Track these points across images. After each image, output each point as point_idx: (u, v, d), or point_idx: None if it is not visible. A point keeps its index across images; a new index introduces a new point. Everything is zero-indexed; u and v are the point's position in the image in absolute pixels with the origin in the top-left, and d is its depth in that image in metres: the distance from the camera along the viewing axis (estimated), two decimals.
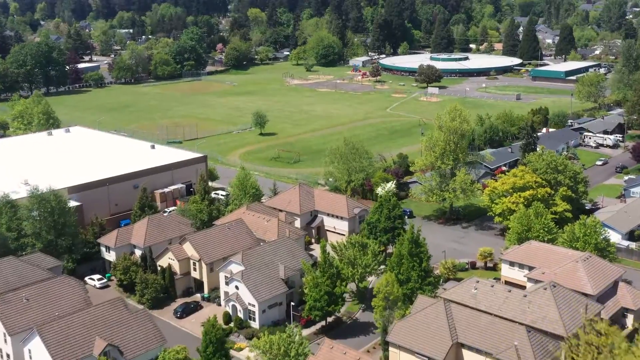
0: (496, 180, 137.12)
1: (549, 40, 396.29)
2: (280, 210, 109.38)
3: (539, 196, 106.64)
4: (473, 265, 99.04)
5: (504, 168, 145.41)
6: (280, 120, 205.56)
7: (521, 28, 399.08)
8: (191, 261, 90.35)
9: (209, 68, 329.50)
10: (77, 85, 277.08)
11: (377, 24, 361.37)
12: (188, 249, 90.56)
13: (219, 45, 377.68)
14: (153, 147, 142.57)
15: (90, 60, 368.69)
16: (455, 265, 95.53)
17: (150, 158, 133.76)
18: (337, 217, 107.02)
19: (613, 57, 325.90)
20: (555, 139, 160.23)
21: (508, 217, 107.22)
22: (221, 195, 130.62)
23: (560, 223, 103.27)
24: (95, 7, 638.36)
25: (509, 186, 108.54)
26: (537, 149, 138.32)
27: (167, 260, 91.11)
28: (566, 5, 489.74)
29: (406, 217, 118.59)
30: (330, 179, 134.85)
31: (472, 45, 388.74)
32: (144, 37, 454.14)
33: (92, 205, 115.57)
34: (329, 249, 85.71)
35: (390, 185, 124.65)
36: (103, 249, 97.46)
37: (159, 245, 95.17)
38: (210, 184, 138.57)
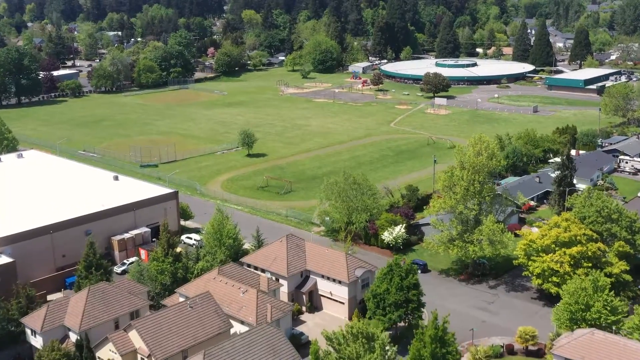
0: (524, 221, 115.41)
1: (560, 44, 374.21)
2: (263, 271, 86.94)
3: (590, 254, 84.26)
4: (510, 350, 76.47)
5: (532, 203, 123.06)
6: (271, 138, 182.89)
7: (531, 31, 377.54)
8: (139, 356, 67.83)
9: (198, 75, 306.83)
10: (53, 94, 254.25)
11: (378, 27, 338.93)
12: (135, 338, 68.01)
13: (211, 50, 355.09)
14: (116, 178, 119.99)
15: (73, 66, 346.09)
16: (489, 355, 72.99)
17: (111, 194, 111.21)
18: (334, 280, 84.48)
19: (631, 63, 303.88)
20: (586, 165, 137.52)
21: (549, 279, 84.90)
22: (194, 240, 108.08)
23: (616, 288, 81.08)
24: (86, 9, 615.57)
25: (551, 240, 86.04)
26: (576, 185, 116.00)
27: (108, 353, 68.62)
28: (576, 7, 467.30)
29: (419, 270, 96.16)
30: (326, 218, 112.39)
31: (479, 50, 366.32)
32: (132, 40, 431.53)
33: (30, 260, 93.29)
34: (322, 344, 63.41)
35: (399, 230, 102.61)
36: (28, 331, 74.78)
37: (102, 327, 72.71)
38: (183, 223, 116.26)
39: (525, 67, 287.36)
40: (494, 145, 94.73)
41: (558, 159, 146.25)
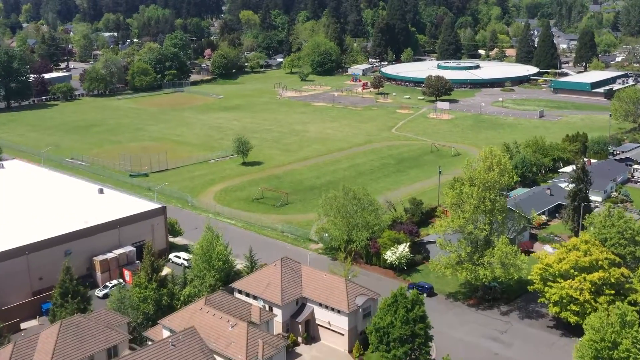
0: (535, 237, 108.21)
1: (564, 45, 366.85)
2: (255, 298, 79.74)
3: (612, 280, 77.12)
4: None
5: (544, 218, 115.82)
6: (268, 145, 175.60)
7: (534, 32, 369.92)
8: None
9: (194, 77, 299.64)
10: (44, 98, 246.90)
11: (379, 28, 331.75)
12: None
13: (208, 51, 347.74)
14: (101, 191, 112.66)
15: (67, 68, 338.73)
16: None
17: (94, 209, 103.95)
18: (333, 309, 77.20)
19: (638, 65, 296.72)
20: (599, 175, 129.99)
21: (568, 307, 77.75)
22: (183, 259, 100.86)
23: None
24: (82, 9, 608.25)
25: (570, 264, 78.83)
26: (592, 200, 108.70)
27: None
28: (578, 7, 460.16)
29: (425, 294, 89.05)
30: (325, 234, 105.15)
31: (482, 51, 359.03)
32: (128, 41, 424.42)
33: (2, 285, 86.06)
34: None
35: (403, 249, 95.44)
36: None
37: None
38: (172, 239, 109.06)
39: (530, 70, 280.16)
40: (506, 159, 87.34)
41: (568, 169, 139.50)
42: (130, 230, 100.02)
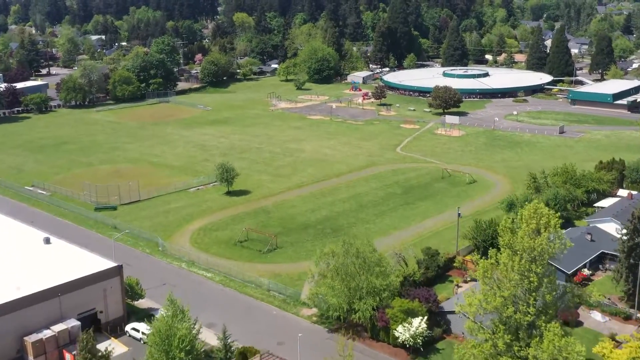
0: (579, 298, 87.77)
1: (575, 50, 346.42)
2: None
3: None
4: None
5: (586, 272, 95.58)
6: (257, 168, 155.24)
7: (545, 36, 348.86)
8: None
9: (182, 85, 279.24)
10: (16, 110, 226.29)
11: (380, 32, 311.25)
12: None
13: (199, 56, 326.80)
14: (47, 241, 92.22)
15: (48, 74, 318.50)
16: None
17: (33, 268, 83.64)
18: None
19: None
20: None
21: None
22: (142, 333, 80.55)
23: None
24: (72, 11, 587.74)
25: None
26: None
27: None
28: (588, 9, 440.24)
29: None
30: (319, 296, 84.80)
31: (489, 57, 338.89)
32: (116, 44, 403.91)
33: None
34: None
35: (419, 325, 75.32)
36: None
37: None
38: (132, 302, 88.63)
39: (543, 78, 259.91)
40: (556, 218, 66.82)
41: (605, 203, 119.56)
42: (76, 298, 79.64)
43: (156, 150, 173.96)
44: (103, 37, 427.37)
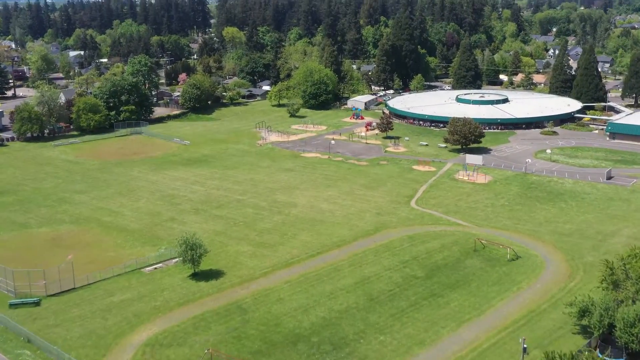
0: None
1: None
2: None
3: None
4: None
5: None
6: (235, 233, 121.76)
7: (554, 52, 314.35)
8: None
9: (161, 111, 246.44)
10: None
11: (383, 50, 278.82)
12: None
13: (182, 76, 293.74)
14: None
15: (14, 96, 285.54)
16: None
17: None
18: None
19: None
20: None
21: None
22: None
23: None
24: (55, 24, 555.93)
25: None
26: None
27: None
28: (605, 23, 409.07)
29: None
30: None
31: (503, 77, 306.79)
32: (95, 62, 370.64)
33: None
34: None
35: None
36: None
37: None
38: None
39: (572, 105, 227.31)
40: None
41: None
42: None
43: (113, 204, 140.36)
44: (82, 52, 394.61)
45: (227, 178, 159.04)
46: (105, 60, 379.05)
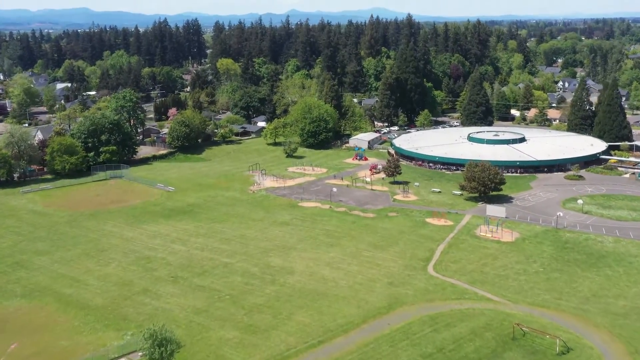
0: None
1: None
2: None
3: None
4: None
5: None
6: (218, 312, 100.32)
7: (564, 84, 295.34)
8: None
9: (147, 150, 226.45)
10: None
11: (387, 84, 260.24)
12: None
13: (172, 111, 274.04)
14: None
15: None
16: None
17: None
18: None
19: None
20: None
21: None
22: None
23: None
24: (46, 55, 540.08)
25: None
26: None
27: None
28: (617, 55, 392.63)
29: None
30: None
31: (515, 112, 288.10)
32: (82, 95, 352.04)
33: None
34: None
35: None
36: None
37: None
38: None
39: (595, 144, 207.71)
40: None
41: None
42: None
43: (77, 269, 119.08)
44: (69, 84, 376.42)
45: (214, 234, 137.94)
46: (93, 93, 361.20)
